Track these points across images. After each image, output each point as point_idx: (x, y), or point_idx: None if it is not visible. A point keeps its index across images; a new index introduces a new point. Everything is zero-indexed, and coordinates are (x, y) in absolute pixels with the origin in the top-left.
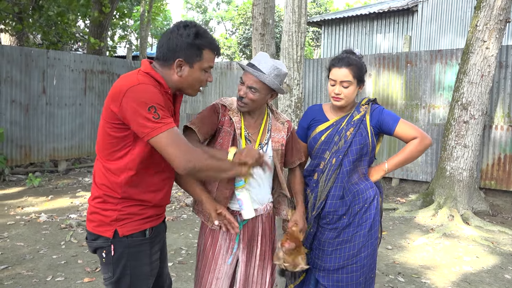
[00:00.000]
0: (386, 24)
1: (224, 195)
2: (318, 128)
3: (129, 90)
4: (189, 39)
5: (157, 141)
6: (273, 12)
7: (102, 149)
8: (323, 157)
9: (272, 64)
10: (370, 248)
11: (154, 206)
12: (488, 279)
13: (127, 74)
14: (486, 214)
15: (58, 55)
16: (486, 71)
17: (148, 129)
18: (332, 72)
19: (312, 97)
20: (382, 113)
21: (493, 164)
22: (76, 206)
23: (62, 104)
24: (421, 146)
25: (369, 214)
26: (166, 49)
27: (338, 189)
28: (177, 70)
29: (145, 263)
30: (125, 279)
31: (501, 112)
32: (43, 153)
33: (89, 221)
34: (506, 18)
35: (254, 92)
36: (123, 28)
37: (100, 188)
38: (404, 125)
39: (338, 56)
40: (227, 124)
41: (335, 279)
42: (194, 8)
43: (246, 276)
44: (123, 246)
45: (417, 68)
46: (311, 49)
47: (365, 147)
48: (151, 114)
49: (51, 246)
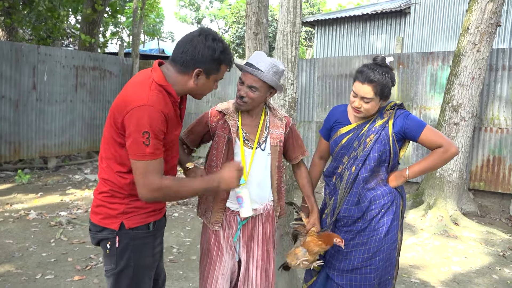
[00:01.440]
0: (379, 25)
1: (221, 197)
2: (340, 131)
3: (135, 109)
4: (215, 55)
5: (135, 165)
6: (267, 11)
7: (109, 153)
8: (341, 161)
9: (270, 62)
10: (385, 252)
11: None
12: (476, 279)
13: (139, 83)
14: (474, 215)
15: (49, 51)
16: (477, 73)
17: (134, 150)
18: (355, 85)
19: (304, 97)
20: (407, 119)
21: (482, 165)
22: (66, 203)
23: (53, 101)
24: (446, 155)
25: (386, 219)
26: (190, 57)
27: (354, 195)
28: (194, 78)
29: (148, 255)
30: (128, 271)
31: (490, 114)
32: (32, 149)
33: (95, 213)
34: (497, 22)
35: (254, 91)
36: (115, 24)
37: (107, 184)
38: (429, 132)
39: (363, 68)
40: (221, 128)
41: (349, 279)
42: (187, 5)
43: (247, 275)
44: (128, 238)
45: (409, 70)
46: (304, 49)
47: (384, 154)
48: (143, 139)
49: (40, 244)
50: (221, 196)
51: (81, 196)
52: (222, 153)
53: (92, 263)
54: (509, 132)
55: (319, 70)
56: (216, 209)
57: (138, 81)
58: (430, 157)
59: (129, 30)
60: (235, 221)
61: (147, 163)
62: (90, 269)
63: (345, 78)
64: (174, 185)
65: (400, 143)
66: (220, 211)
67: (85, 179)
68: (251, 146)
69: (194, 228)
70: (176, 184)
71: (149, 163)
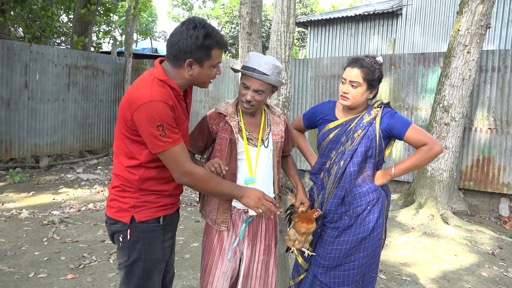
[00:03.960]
0: (371, 26)
1: None
2: (328, 126)
3: (142, 106)
4: (199, 41)
5: (162, 157)
6: (261, 11)
7: (120, 149)
8: (329, 156)
9: (272, 64)
10: (370, 249)
11: (169, 196)
12: (466, 277)
13: (143, 81)
14: (464, 214)
15: (41, 49)
16: (467, 74)
17: (154, 145)
18: (345, 72)
19: (297, 97)
20: (393, 117)
21: (472, 165)
22: (58, 202)
23: (45, 99)
24: (431, 153)
25: (372, 217)
26: (177, 50)
27: (341, 189)
28: (187, 69)
29: (158, 248)
30: (139, 263)
31: (480, 115)
32: (24, 148)
33: (109, 207)
34: (487, 24)
35: (260, 94)
36: (107, 23)
37: (119, 179)
38: (414, 130)
39: (354, 56)
40: (222, 130)
41: (332, 276)
42: (180, 5)
43: (249, 270)
44: (138, 231)
45: (400, 71)
46: (297, 49)
47: (370, 149)
48: (159, 131)
49: (33, 243)
50: None
51: (73, 195)
52: (225, 154)
53: (85, 261)
54: (498, 133)
55: (312, 70)
56: (222, 210)
57: (141, 79)
58: (415, 155)
59: (121, 29)
60: (240, 220)
61: (171, 151)
62: (83, 267)
63: (337, 79)
64: (205, 176)
65: (386, 141)
66: (226, 212)
67: (77, 178)
68: (255, 144)
69: (187, 227)
70: (208, 176)
71: (172, 150)
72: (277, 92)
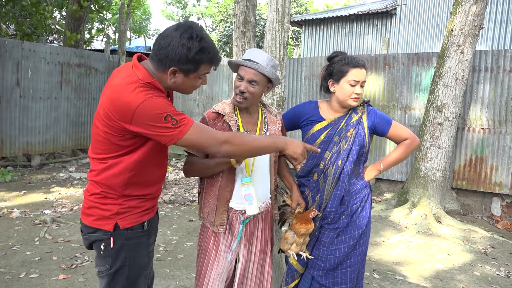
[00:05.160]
0: (366, 26)
1: (225, 198)
2: (316, 127)
3: (138, 108)
4: (190, 54)
5: (185, 141)
6: (255, 10)
7: (102, 154)
8: (323, 157)
9: (267, 56)
10: (364, 245)
11: (152, 199)
12: (458, 276)
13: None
14: (457, 213)
15: (33, 47)
16: (461, 75)
17: (170, 136)
18: (353, 73)
19: (292, 96)
20: (376, 115)
21: (465, 165)
22: (50, 201)
23: (37, 97)
24: (412, 146)
25: (365, 213)
26: (164, 55)
27: (340, 189)
28: (170, 77)
29: (143, 254)
30: (124, 271)
31: (473, 115)
32: (16, 147)
33: (86, 215)
34: (480, 24)
35: (254, 85)
36: (101, 21)
37: (99, 185)
38: (396, 127)
39: (351, 56)
40: (220, 130)
41: (331, 276)
42: (174, 3)
43: (245, 271)
44: (123, 239)
45: (394, 70)
46: (291, 48)
47: (362, 147)
48: (169, 122)
49: (24, 242)
50: (226, 197)
51: (65, 194)
52: None
53: (78, 261)
54: (491, 132)
55: (306, 69)
56: (220, 211)
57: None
58: (399, 149)
59: (115, 27)
60: (237, 221)
61: (191, 131)
62: (76, 267)
63: None
64: (240, 135)
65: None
66: (225, 213)
67: (70, 177)
68: None
69: (181, 226)
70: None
71: (192, 129)
72: (272, 91)
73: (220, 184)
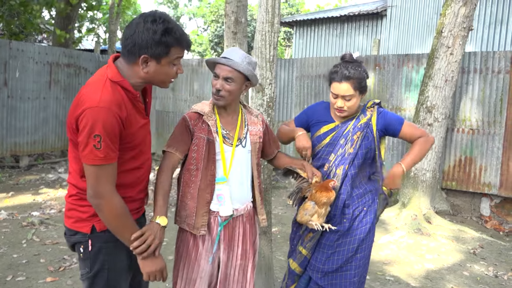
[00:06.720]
0: (357, 27)
1: (206, 200)
2: (323, 129)
3: (86, 111)
4: (156, 36)
5: (86, 169)
6: (246, 10)
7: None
8: (327, 159)
9: (243, 54)
10: (366, 250)
11: (132, 201)
12: (448, 276)
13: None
14: (447, 213)
15: (21, 46)
16: (450, 76)
17: (86, 154)
18: (333, 86)
19: (283, 97)
20: (386, 116)
21: (454, 165)
22: (38, 203)
23: (25, 98)
24: (429, 143)
25: (369, 218)
26: (131, 44)
27: (343, 192)
28: (142, 66)
29: (123, 258)
30: (103, 274)
31: (462, 116)
32: (3, 147)
33: (67, 217)
34: (469, 26)
35: (230, 82)
36: (91, 20)
37: (75, 187)
38: (408, 126)
39: (336, 69)
40: (199, 130)
41: (330, 278)
42: (165, 3)
43: (226, 275)
44: (101, 241)
45: (385, 71)
46: (282, 48)
47: (370, 151)
48: (94, 142)
49: (11, 245)
50: (206, 198)
51: (54, 196)
52: (203, 155)
53: (66, 264)
54: (480, 133)
55: (297, 70)
56: (201, 213)
57: (92, 81)
58: (417, 147)
59: (105, 27)
60: (215, 222)
61: (99, 168)
62: (64, 270)
63: (323, 79)
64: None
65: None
66: (206, 215)
67: (58, 178)
68: (231, 143)
69: (171, 227)
70: (122, 211)
71: (101, 167)
72: (262, 92)
73: (199, 185)
